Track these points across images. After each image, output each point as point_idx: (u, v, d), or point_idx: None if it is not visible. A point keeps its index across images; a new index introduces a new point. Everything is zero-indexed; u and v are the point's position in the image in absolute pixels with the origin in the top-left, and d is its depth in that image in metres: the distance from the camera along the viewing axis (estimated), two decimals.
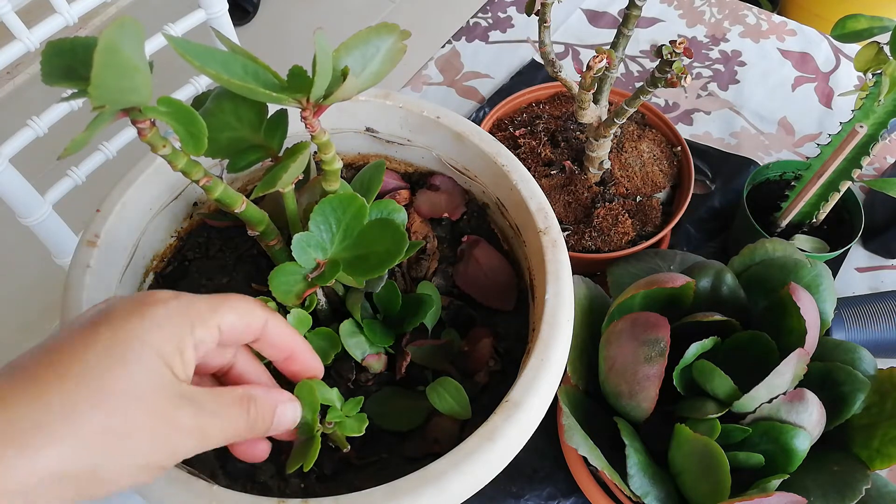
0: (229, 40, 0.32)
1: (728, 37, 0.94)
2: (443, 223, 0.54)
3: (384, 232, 0.36)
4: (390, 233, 0.36)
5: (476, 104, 0.87)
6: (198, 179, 0.33)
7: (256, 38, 2.05)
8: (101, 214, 0.46)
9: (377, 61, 0.33)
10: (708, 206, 0.77)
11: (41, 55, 0.29)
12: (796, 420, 0.46)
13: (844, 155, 0.60)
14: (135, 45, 0.26)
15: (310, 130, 0.33)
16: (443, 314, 0.48)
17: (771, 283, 0.54)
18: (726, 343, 0.51)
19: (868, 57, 0.59)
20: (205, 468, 0.42)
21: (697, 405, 0.48)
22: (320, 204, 0.36)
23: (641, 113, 0.74)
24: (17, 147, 0.79)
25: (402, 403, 0.45)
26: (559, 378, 0.41)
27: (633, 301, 0.52)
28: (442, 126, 0.52)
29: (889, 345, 0.62)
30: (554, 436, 0.61)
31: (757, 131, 0.84)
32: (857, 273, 0.73)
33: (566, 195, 0.68)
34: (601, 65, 0.52)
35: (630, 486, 0.46)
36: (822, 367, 0.50)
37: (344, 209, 0.36)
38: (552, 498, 0.59)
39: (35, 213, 0.85)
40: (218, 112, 0.37)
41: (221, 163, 0.51)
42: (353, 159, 0.56)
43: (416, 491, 0.35)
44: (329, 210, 0.36)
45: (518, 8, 0.99)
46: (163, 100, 0.30)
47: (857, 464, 0.48)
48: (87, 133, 0.27)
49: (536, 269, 0.47)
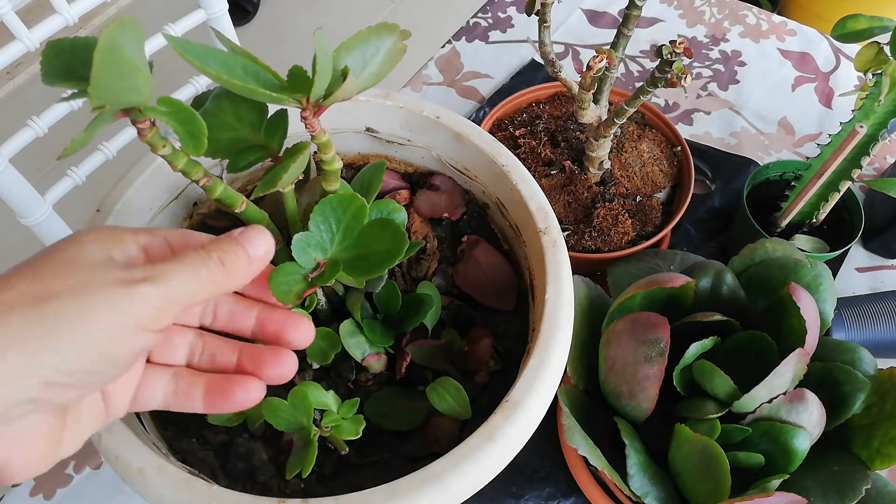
0: (229, 40, 0.32)
1: (728, 37, 0.94)
2: (443, 223, 0.54)
3: (384, 232, 0.36)
4: (390, 233, 0.36)
5: (476, 104, 0.87)
6: (198, 179, 0.33)
7: (256, 38, 2.05)
8: (101, 214, 0.46)
9: (377, 61, 0.33)
10: (708, 206, 0.77)
11: (41, 55, 0.29)
12: (796, 420, 0.46)
13: (844, 155, 0.60)
14: (135, 45, 0.26)
15: (310, 130, 0.33)
16: (443, 314, 0.48)
17: (771, 283, 0.54)
18: (726, 343, 0.51)
19: (868, 57, 0.59)
20: (205, 468, 0.42)
21: (697, 405, 0.48)
22: (320, 204, 0.35)
23: (641, 113, 0.74)
24: (17, 147, 0.79)
25: (402, 403, 0.45)
26: (559, 378, 0.41)
27: (633, 301, 0.52)
28: (442, 126, 0.52)
29: (889, 345, 0.62)
30: (554, 436, 0.61)
31: (757, 131, 0.84)
32: (857, 273, 0.73)
33: (566, 195, 0.68)
34: (601, 65, 0.52)
35: (630, 486, 0.46)
36: (822, 367, 0.50)
37: (344, 209, 0.36)
38: (552, 498, 0.59)
39: (35, 213, 0.85)
40: (218, 112, 0.37)
41: (221, 163, 0.51)
42: (353, 159, 0.56)
43: (416, 491, 0.35)
44: (329, 210, 0.36)
45: (518, 8, 0.99)
46: (163, 100, 0.30)
47: (857, 464, 0.48)
48: (87, 133, 0.27)
49: (536, 269, 0.47)
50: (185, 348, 0.33)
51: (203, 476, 0.38)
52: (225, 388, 0.32)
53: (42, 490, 0.60)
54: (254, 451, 0.43)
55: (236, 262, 0.30)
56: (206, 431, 0.44)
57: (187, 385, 0.32)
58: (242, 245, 0.30)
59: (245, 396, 0.32)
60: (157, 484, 0.36)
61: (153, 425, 0.43)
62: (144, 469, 0.36)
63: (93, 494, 0.60)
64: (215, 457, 0.43)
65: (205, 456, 0.43)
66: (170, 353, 0.33)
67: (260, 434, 0.44)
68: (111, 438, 0.37)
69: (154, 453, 0.37)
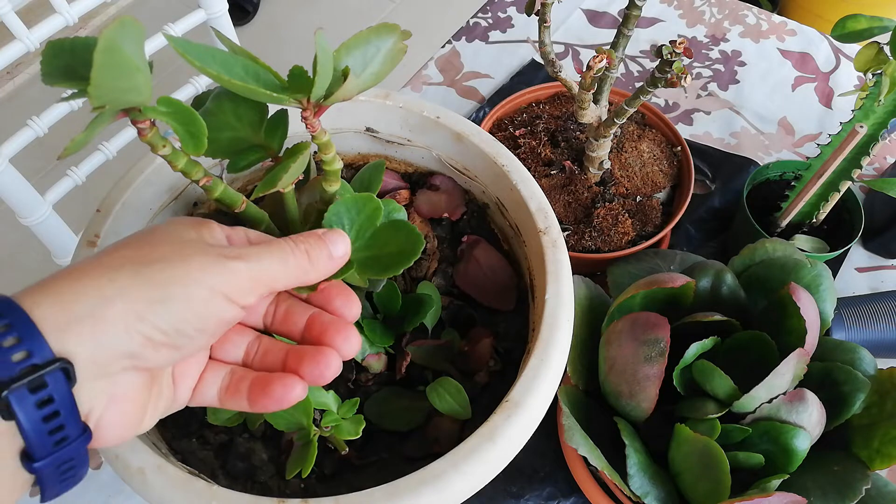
0: (229, 40, 0.32)
1: (728, 37, 0.94)
2: (443, 223, 0.54)
3: (398, 233, 0.36)
4: (404, 233, 0.36)
5: (476, 104, 0.87)
6: (198, 179, 0.33)
7: (256, 38, 2.05)
8: (101, 214, 0.46)
9: (377, 61, 0.33)
10: (708, 206, 0.77)
11: (41, 55, 0.29)
12: (796, 420, 0.46)
13: (844, 155, 0.60)
14: (135, 45, 0.26)
15: (310, 130, 0.33)
16: (443, 314, 0.48)
17: (771, 283, 0.54)
18: (726, 343, 0.51)
19: (868, 57, 0.59)
20: (205, 468, 0.42)
21: (697, 405, 0.48)
22: (335, 204, 0.36)
23: (641, 113, 0.74)
24: (17, 147, 0.79)
25: (402, 403, 0.45)
26: (559, 378, 0.41)
27: (633, 301, 0.52)
28: (442, 126, 0.52)
29: (889, 345, 0.62)
30: (554, 436, 0.61)
31: (757, 131, 0.84)
32: (857, 273, 0.73)
33: (566, 195, 0.68)
34: (601, 65, 0.52)
35: (630, 486, 0.46)
36: (822, 367, 0.50)
37: (359, 210, 0.36)
38: (552, 498, 0.59)
39: (35, 213, 0.85)
40: (218, 112, 0.36)
41: (221, 163, 0.51)
42: (353, 159, 0.56)
43: (416, 491, 0.35)
44: (343, 210, 0.36)
45: (518, 8, 0.99)
46: (163, 100, 0.30)
47: (857, 464, 0.48)
48: (86, 133, 0.27)
49: (536, 269, 0.47)
50: (242, 347, 0.34)
51: (203, 476, 0.38)
52: (267, 385, 0.32)
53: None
54: (254, 451, 0.43)
55: (320, 256, 0.32)
56: (206, 431, 0.44)
57: (238, 382, 0.33)
58: (325, 243, 0.33)
59: (283, 393, 0.32)
60: (157, 484, 0.36)
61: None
62: (144, 469, 0.36)
63: (93, 494, 0.60)
64: (215, 457, 0.43)
65: (205, 456, 0.43)
66: (230, 350, 0.34)
67: (260, 434, 0.44)
68: None
69: (154, 453, 0.37)
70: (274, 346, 0.34)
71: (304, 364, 0.32)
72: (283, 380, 0.32)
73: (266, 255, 0.31)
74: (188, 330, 0.28)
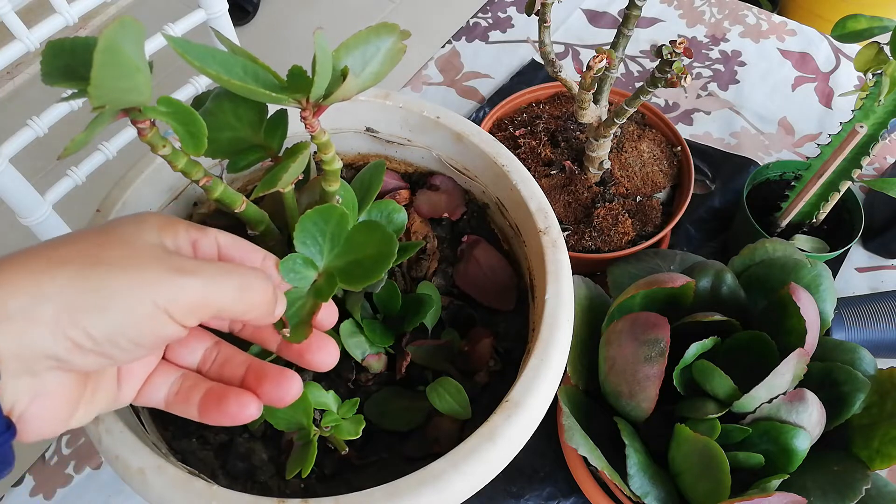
0: (229, 40, 0.32)
1: (728, 37, 0.94)
2: (443, 223, 0.54)
3: (372, 235, 0.35)
4: (378, 235, 0.35)
5: (476, 104, 0.87)
6: (198, 179, 0.33)
7: (256, 38, 2.05)
8: (101, 214, 0.46)
9: (377, 61, 0.33)
10: (708, 206, 0.77)
11: (41, 55, 0.29)
12: (796, 420, 0.46)
13: (844, 155, 0.60)
14: (135, 45, 0.26)
15: (310, 130, 0.33)
16: (443, 314, 0.48)
17: (771, 283, 0.54)
18: (726, 343, 0.51)
19: (868, 57, 0.59)
20: (205, 468, 0.42)
21: (697, 405, 0.48)
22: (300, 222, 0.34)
23: (641, 113, 0.74)
24: (17, 147, 0.79)
25: (402, 403, 0.45)
26: (559, 378, 0.41)
27: (633, 301, 0.52)
28: (442, 126, 0.52)
29: (889, 345, 0.62)
30: (554, 436, 0.61)
31: (757, 131, 0.84)
32: (857, 273, 0.73)
33: (566, 195, 0.68)
34: (601, 65, 0.52)
35: (630, 486, 0.46)
36: (822, 367, 0.50)
37: (325, 220, 0.35)
38: (552, 498, 0.59)
39: (35, 213, 0.85)
40: (218, 112, 0.37)
41: (221, 163, 0.51)
42: (353, 159, 0.56)
43: (416, 491, 0.35)
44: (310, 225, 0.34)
45: (518, 8, 0.99)
46: (163, 100, 0.30)
47: (857, 464, 0.48)
48: (87, 133, 0.27)
49: (536, 269, 0.47)
50: (199, 353, 0.34)
51: (203, 476, 0.38)
52: (222, 399, 0.31)
53: (42, 490, 0.60)
54: (254, 451, 0.43)
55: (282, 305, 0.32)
56: (206, 431, 0.44)
57: (189, 389, 0.32)
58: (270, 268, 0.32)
59: (237, 410, 0.31)
60: (157, 484, 0.36)
61: (153, 425, 0.43)
62: (144, 469, 0.36)
63: (93, 494, 0.60)
64: (215, 457, 0.43)
65: (205, 456, 0.43)
66: (185, 354, 0.33)
67: (260, 434, 0.44)
68: (111, 438, 0.37)
69: (154, 453, 0.37)
70: (234, 356, 0.33)
71: (265, 384, 0.32)
72: (240, 397, 0.31)
73: (223, 277, 0.29)
74: (122, 342, 0.27)
